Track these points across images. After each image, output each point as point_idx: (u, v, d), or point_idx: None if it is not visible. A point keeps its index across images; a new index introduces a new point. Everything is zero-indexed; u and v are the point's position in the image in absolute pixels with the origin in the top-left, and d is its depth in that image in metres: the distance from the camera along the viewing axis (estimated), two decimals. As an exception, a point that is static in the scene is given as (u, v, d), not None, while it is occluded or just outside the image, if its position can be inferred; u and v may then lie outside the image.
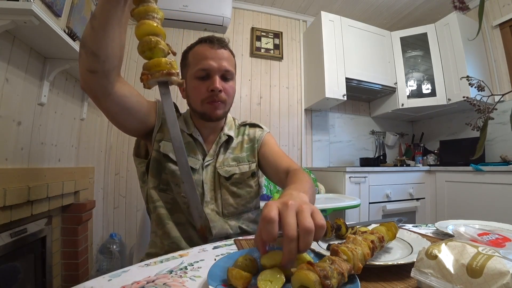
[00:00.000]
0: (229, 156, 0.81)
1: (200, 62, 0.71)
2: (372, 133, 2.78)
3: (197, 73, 0.72)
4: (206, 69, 0.71)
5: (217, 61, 0.72)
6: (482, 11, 0.50)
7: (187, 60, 0.76)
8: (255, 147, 0.85)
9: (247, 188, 0.81)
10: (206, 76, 0.72)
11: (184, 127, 0.79)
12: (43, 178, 1.16)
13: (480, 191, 1.75)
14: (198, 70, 0.71)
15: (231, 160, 0.80)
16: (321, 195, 1.95)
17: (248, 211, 0.83)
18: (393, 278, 0.39)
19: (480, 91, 0.60)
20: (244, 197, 0.80)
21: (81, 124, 1.62)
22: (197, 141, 0.79)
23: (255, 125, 0.90)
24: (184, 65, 0.77)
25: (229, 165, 0.79)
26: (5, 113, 1.02)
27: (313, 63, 2.41)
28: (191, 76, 0.73)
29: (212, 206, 0.76)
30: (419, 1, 2.39)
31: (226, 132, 0.82)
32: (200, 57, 0.72)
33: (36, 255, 1.22)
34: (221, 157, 0.80)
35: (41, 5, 1.15)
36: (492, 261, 0.30)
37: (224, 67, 0.73)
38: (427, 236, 0.61)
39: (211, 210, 0.76)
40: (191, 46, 0.77)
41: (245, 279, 0.35)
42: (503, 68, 2.16)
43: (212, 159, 0.79)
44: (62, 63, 1.23)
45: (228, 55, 0.75)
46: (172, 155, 0.72)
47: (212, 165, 0.78)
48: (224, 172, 0.78)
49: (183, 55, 0.79)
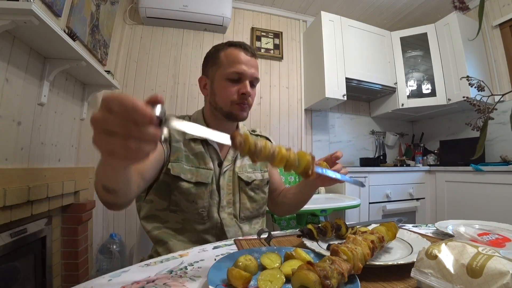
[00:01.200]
0: (246, 163, 0.84)
1: (235, 65, 0.74)
2: (372, 133, 2.78)
3: (230, 75, 0.74)
4: (240, 72, 0.74)
5: (249, 67, 0.75)
6: (482, 11, 0.50)
7: (218, 59, 0.77)
8: None
9: (262, 194, 0.86)
10: (238, 80, 0.75)
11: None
12: (43, 178, 1.16)
13: (480, 191, 1.75)
14: (232, 72, 0.74)
15: (248, 167, 0.84)
16: (321, 195, 1.95)
17: (258, 216, 0.86)
18: (393, 278, 0.39)
19: (480, 91, 0.60)
20: (259, 202, 0.84)
21: (81, 124, 1.62)
22: (210, 147, 0.79)
23: (267, 138, 0.96)
24: (214, 63, 0.77)
25: (247, 171, 0.83)
26: (5, 113, 1.01)
27: (313, 63, 2.41)
28: (222, 75, 0.75)
29: (230, 210, 0.78)
30: (419, 1, 2.39)
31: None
32: (235, 60, 0.75)
33: (36, 255, 1.22)
34: (239, 162, 0.83)
35: (41, 5, 1.15)
36: (492, 261, 0.30)
37: (254, 74, 0.77)
38: (427, 236, 0.61)
39: (228, 214, 0.78)
40: (222, 46, 0.78)
41: (245, 279, 0.36)
42: (503, 68, 2.16)
43: (230, 164, 0.81)
44: (62, 63, 1.23)
45: (257, 64, 0.79)
46: (183, 175, 0.73)
47: (230, 170, 0.81)
48: (246, 177, 0.82)
49: (212, 53, 0.79)
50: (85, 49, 1.53)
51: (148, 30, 2.23)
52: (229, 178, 0.80)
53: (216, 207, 0.76)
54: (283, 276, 0.37)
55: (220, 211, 0.76)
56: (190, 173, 0.74)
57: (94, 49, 1.63)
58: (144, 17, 2.12)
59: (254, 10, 2.56)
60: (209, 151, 0.79)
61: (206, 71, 0.80)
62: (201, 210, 0.74)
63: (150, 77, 2.17)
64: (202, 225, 0.74)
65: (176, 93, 2.22)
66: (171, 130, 0.75)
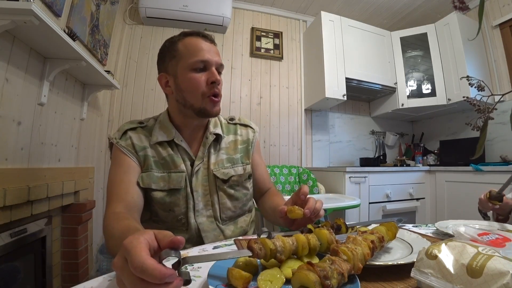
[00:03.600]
0: (222, 157, 0.77)
1: (197, 53, 0.68)
2: (372, 133, 2.78)
3: (194, 65, 0.68)
4: (205, 60, 0.68)
5: (213, 54, 0.70)
6: (482, 11, 0.50)
7: (176, 51, 0.70)
8: (249, 149, 0.83)
9: (243, 191, 0.79)
10: (203, 68, 0.69)
11: (163, 136, 0.72)
12: (43, 178, 1.16)
13: (480, 191, 1.72)
14: (195, 61, 0.67)
15: (226, 162, 0.77)
16: (321, 195, 1.95)
17: (244, 213, 0.82)
18: (393, 278, 0.39)
19: (480, 91, 0.60)
20: (241, 199, 0.79)
21: (81, 124, 1.62)
22: (179, 147, 0.73)
23: (247, 125, 0.87)
24: (172, 56, 0.70)
25: (224, 166, 0.76)
26: (5, 113, 1.01)
27: (313, 63, 2.41)
28: (184, 67, 0.68)
29: (209, 213, 0.74)
30: (419, 1, 2.39)
31: (212, 131, 0.77)
32: (195, 48, 0.69)
33: (36, 255, 1.22)
34: (213, 158, 0.76)
35: (41, 5, 1.15)
36: (492, 261, 0.30)
37: (219, 61, 0.71)
38: (427, 236, 0.61)
39: (207, 218, 0.73)
40: (178, 37, 0.72)
41: (245, 279, 0.35)
42: (503, 68, 2.16)
43: (202, 161, 0.74)
44: (62, 63, 1.23)
45: (218, 51, 0.73)
46: (154, 185, 0.69)
47: (204, 168, 0.74)
48: (222, 174, 0.75)
49: (167, 46, 0.72)
50: (85, 49, 1.53)
51: (148, 30, 2.23)
52: (204, 177, 0.74)
53: (192, 212, 0.71)
54: (283, 276, 0.37)
55: (196, 216, 0.71)
56: (163, 181, 0.70)
57: (94, 49, 1.63)
58: (144, 17, 2.12)
59: (254, 10, 2.56)
60: (179, 151, 0.73)
61: (165, 67, 0.73)
62: (179, 217, 0.71)
63: (150, 77, 2.17)
64: (185, 233, 0.71)
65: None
66: (133, 139, 0.71)
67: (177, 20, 2.17)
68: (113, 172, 0.68)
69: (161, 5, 2.08)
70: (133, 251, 0.28)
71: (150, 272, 0.27)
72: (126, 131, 0.72)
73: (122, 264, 0.29)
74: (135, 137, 0.72)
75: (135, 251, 0.28)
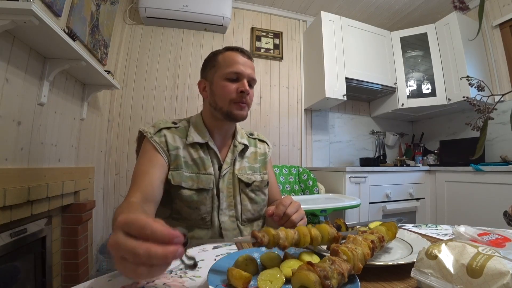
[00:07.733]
0: (245, 165, 0.85)
1: (232, 66, 0.77)
2: (372, 133, 2.78)
3: (228, 75, 0.76)
4: (238, 72, 0.76)
5: (246, 68, 0.78)
6: (482, 11, 0.50)
7: (216, 61, 0.79)
8: (266, 161, 0.92)
9: (262, 196, 0.86)
10: (236, 79, 0.77)
11: (198, 137, 0.79)
12: (43, 178, 1.16)
13: (480, 191, 1.75)
14: (230, 72, 0.76)
15: (248, 169, 0.85)
16: (321, 195, 1.95)
17: (259, 218, 0.87)
18: (393, 278, 0.39)
19: (480, 91, 0.60)
20: (259, 204, 0.85)
21: (81, 124, 1.62)
22: (211, 151, 0.80)
23: (264, 141, 0.97)
24: (212, 66, 0.80)
25: (246, 173, 0.84)
26: (5, 113, 1.01)
27: (313, 63, 2.41)
28: (220, 76, 0.77)
29: (231, 213, 0.79)
30: (419, 1, 2.39)
31: (240, 141, 0.86)
32: (232, 61, 0.77)
33: (36, 255, 1.22)
34: (238, 164, 0.83)
35: (41, 5, 1.15)
36: (492, 261, 0.30)
37: (251, 74, 0.79)
38: (427, 236, 0.61)
39: (229, 217, 0.79)
40: (220, 51, 0.82)
41: (245, 279, 0.36)
42: (503, 68, 2.16)
43: (229, 166, 0.81)
44: (62, 63, 1.23)
45: (253, 66, 0.82)
46: (184, 183, 0.74)
47: (230, 172, 0.81)
48: (246, 179, 0.82)
49: (210, 57, 0.83)
50: (85, 49, 1.53)
51: (148, 30, 2.23)
52: (229, 180, 0.81)
53: (216, 211, 0.77)
54: (283, 276, 0.37)
55: (220, 215, 0.77)
56: (191, 180, 0.75)
57: (94, 49, 1.63)
58: (144, 17, 2.12)
59: (254, 10, 2.56)
60: (210, 155, 0.80)
61: (205, 74, 0.83)
62: (204, 216, 0.75)
63: (150, 77, 2.17)
64: (205, 231, 0.75)
65: (176, 93, 2.22)
66: (167, 138, 0.76)
67: (177, 20, 2.17)
68: (140, 163, 0.73)
69: (161, 5, 2.09)
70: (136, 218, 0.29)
71: (160, 231, 0.28)
72: (162, 129, 0.78)
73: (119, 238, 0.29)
74: (169, 136, 0.77)
75: (137, 218, 0.29)
